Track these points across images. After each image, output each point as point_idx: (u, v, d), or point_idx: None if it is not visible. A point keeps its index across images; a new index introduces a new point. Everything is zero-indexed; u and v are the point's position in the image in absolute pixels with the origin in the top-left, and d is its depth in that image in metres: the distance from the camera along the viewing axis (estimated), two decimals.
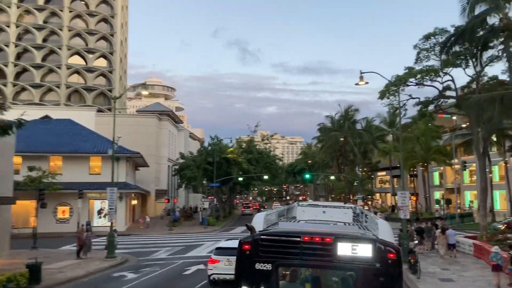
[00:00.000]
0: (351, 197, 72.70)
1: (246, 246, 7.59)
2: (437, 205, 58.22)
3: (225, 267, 16.38)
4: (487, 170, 56.60)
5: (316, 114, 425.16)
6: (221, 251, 17.90)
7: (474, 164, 60.58)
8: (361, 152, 71.99)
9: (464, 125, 51.22)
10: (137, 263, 26.08)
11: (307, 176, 72.99)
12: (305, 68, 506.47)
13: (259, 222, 8.62)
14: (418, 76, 30.10)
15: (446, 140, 56.54)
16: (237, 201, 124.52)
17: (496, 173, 61.40)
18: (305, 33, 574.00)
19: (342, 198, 72.51)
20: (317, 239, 7.34)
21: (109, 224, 28.36)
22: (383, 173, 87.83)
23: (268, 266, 7.39)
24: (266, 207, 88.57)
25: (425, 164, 60.34)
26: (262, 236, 7.63)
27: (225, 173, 57.15)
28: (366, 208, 70.00)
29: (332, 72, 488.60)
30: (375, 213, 53.72)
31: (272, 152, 69.95)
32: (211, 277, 17.54)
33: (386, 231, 8.23)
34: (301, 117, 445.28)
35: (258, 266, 7.41)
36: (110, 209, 28.27)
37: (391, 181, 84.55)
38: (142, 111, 79.54)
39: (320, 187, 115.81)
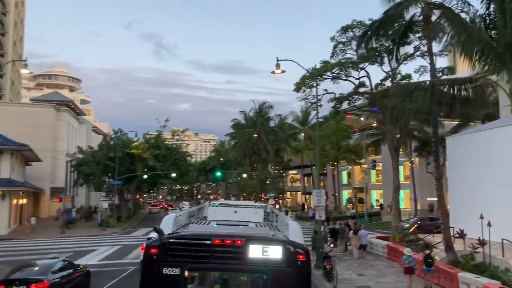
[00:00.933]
0: (263, 196, 71.39)
1: (153, 250, 7.29)
2: (350, 204, 58.48)
3: None
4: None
5: (231, 113, 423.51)
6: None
7: (381, 164, 62.27)
8: (274, 150, 71.03)
9: (374, 125, 51.56)
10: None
11: (218, 174, 70.35)
12: (221, 66, 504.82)
13: (168, 224, 8.41)
14: (336, 69, 28.64)
15: (356, 139, 57.00)
16: (149, 201, 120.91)
17: (401, 173, 63.43)
18: (221, 31, 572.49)
19: (254, 197, 70.91)
20: (228, 241, 7.25)
21: None
22: (294, 171, 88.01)
23: (177, 271, 7.17)
24: (174, 205, 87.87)
25: (336, 163, 60.49)
26: (170, 240, 7.41)
27: (129, 170, 52.63)
28: (277, 207, 69.15)
29: (248, 72, 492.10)
30: (286, 212, 52.51)
31: (183, 149, 66.18)
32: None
33: (296, 232, 8.30)
34: (215, 116, 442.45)
35: (165, 270, 7.17)
36: None
37: (302, 180, 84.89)
38: (38, 100, 71.51)
39: (232, 185, 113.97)
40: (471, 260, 17.42)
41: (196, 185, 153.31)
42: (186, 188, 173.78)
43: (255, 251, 7.22)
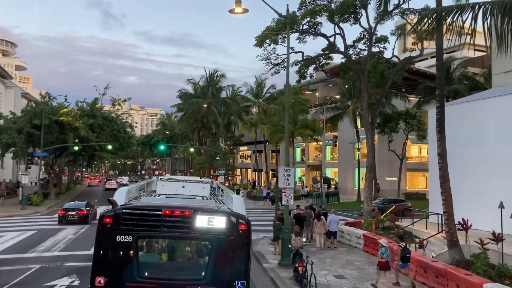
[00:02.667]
0: (212, 173, 66.23)
1: (107, 220, 7.88)
2: (315, 184, 54.37)
3: None
4: (355, 146, 54.84)
5: (180, 87, 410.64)
6: None
7: (337, 141, 58.70)
8: (225, 125, 65.62)
9: (338, 96, 47.43)
10: None
11: (162, 147, 64.23)
12: (170, 39, 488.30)
13: (121, 196, 9.03)
14: (306, 20, 23.63)
15: (314, 114, 52.65)
16: (90, 176, 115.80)
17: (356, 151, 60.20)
18: (171, 1, 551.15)
19: (202, 173, 65.62)
20: (177, 212, 8.00)
21: None
22: (245, 147, 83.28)
23: (129, 238, 7.81)
24: (112, 180, 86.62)
25: (292, 139, 56.15)
26: (124, 210, 8.04)
27: (60, 140, 45.72)
28: (227, 184, 64.34)
29: (198, 46, 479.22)
30: (238, 191, 47.91)
31: (124, 120, 59.18)
32: None
33: (239, 205, 9.20)
34: (164, 90, 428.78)
35: (119, 238, 7.79)
36: None
37: (254, 157, 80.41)
38: None
39: (179, 161, 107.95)
40: (486, 261, 13.30)
41: (140, 160, 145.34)
42: (130, 163, 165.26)
43: (201, 221, 7.96)
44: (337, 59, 36.72)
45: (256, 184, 72.85)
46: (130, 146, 59.14)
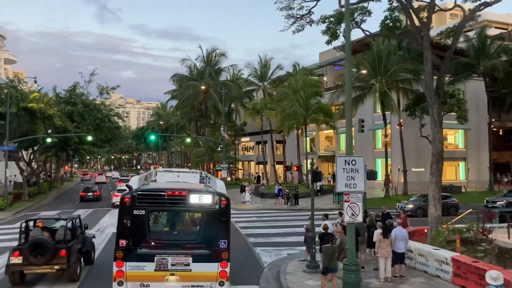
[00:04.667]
0: (212, 167, 59.03)
1: (127, 199, 10.77)
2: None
3: None
4: (382, 133, 47.49)
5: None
6: (121, 191, 30.29)
7: (352, 128, 51.23)
8: (225, 113, 58.27)
9: (365, 71, 40.07)
10: None
11: (153, 137, 57.15)
12: (166, 32, 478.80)
13: (134, 183, 12.48)
14: None
15: (332, 95, 45.04)
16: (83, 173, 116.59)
17: (379, 137, 53.04)
18: None
19: (201, 168, 58.37)
20: (176, 193, 10.96)
21: None
22: (247, 138, 76.05)
23: (142, 212, 10.72)
24: (103, 174, 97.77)
25: (304, 126, 49.00)
26: (138, 192, 11.03)
27: (32, 131, 38.50)
28: (228, 179, 57.16)
29: (194, 39, 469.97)
30: (243, 188, 41.09)
31: (112, 109, 51.71)
32: (114, 204, 33.89)
33: (221, 187, 12.95)
34: (160, 84, 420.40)
35: (135, 212, 10.68)
36: None
37: (258, 148, 73.20)
38: None
39: (175, 155, 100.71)
40: None
41: (135, 154, 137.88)
42: (125, 157, 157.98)
43: (194, 199, 10.87)
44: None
45: (261, 178, 65.75)
46: (116, 138, 51.55)
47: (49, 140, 38.40)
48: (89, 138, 37.03)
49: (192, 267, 10.67)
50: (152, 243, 10.69)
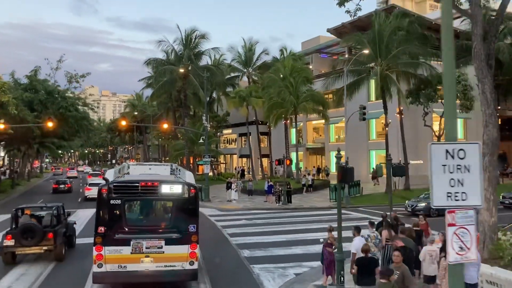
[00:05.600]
0: (192, 161, 54.26)
1: (104, 190, 11.77)
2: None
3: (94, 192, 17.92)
4: (382, 121, 43.52)
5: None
6: (93, 185, 34.95)
7: (343, 118, 46.65)
8: (207, 102, 53.33)
9: (366, 51, 35.79)
10: None
11: (123, 122, 52.18)
12: (143, 24, 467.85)
13: (110, 175, 13.45)
14: None
15: (326, 81, 40.50)
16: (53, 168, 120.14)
17: (373, 127, 49.14)
18: None
19: (180, 162, 53.51)
20: (149, 184, 12.05)
21: None
22: (229, 130, 71.41)
23: (118, 201, 11.72)
24: (74, 168, 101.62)
25: (293, 115, 44.67)
26: (114, 184, 12.10)
27: None
28: (211, 174, 52.48)
29: (172, 31, 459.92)
30: (229, 185, 36.76)
31: (81, 97, 46.17)
32: (87, 196, 35.32)
33: (190, 178, 14.27)
34: (138, 76, 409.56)
35: (112, 201, 11.68)
36: None
37: (241, 140, 68.74)
38: None
39: (153, 148, 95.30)
40: None
41: (110, 148, 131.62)
42: (100, 152, 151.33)
43: (165, 188, 11.97)
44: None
45: (245, 173, 61.34)
46: (84, 129, 46.06)
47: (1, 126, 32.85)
48: (50, 124, 31.59)
49: (165, 250, 11.79)
50: (128, 229, 11.79)
